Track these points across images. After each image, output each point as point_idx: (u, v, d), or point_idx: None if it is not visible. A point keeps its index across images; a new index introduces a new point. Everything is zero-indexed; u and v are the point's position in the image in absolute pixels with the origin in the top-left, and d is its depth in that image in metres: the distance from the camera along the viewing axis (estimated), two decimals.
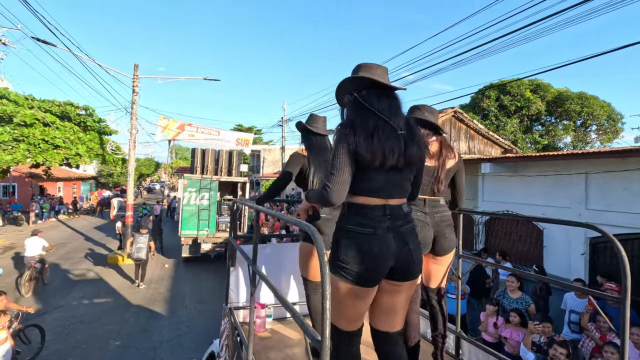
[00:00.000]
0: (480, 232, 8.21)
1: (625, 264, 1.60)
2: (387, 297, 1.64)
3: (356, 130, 1.51)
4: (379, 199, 1.55)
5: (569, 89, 21.48)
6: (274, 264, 3.04)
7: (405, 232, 1.59)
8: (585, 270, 6.07)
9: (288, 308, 1.26)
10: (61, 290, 8.58)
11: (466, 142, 13.31)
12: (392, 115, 1.57)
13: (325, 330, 0.93)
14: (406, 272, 1.59)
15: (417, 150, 1.59)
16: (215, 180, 11.35)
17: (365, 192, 1.55)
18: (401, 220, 1.59)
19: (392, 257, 1.53)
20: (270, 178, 29.47)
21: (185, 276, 10.27)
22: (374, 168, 1.52)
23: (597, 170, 5.90)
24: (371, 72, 1.60)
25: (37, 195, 23.61)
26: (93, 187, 35.99)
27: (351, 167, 1.50)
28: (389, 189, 1.57)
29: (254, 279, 1.89)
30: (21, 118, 12.87)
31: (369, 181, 1.55)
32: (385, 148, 1.50)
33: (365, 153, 1.48)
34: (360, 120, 1.55)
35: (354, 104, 1.63)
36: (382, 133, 1.51)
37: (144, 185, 51.87)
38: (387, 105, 1.59)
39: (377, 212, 1.54)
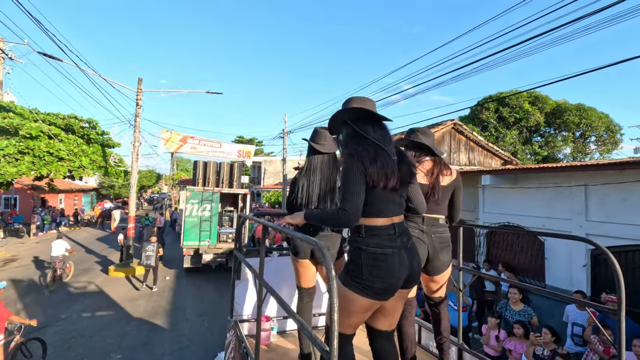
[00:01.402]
0: (481, 244, 8.22)
1: (619, 276, 1.65)
2: (392, 302, 1.80)
3: (363, 158, 1.66)
4: (385, 218, 1.70)
5: (567, 101, 21.71)
6: (278, 276, 3.08)
7: (411, 246, 1.77)
8: (587, 282, 6.07)
9: (296, 320, 1.31)
10: (62, 303, 8.56)
11: (466, 154, 13.40)
12: (386, 142, 1.76)
13: (333, 342, 0.98)
14: (414, 280, 1.79)
15: (407, 172, 1.79)
16: (217, 192, 11.50)
17: (373, 213, 1.69)
18: (406, 236, 1.77)
19: (407, 270, 1.71)
20: (271, 189, 29.51)
21: (186, 288, 10.24)
22: (378, 190, 1.67)
23: (596, 182, 5.96)
24: (363, 104, 1.78)
25: (38, 207, 23.67)
26: (94, 198, 36.06)
27: (364, 191, 1.65)
28: (391, 208, 1.72)
29: (260, 292, 1.93)
30: (26, 131, 13.03)
31: (374, 203, 1.69)
32: (387, 172, 1.67)
33: (374, 177, 1.64)
34: (362, 148, 1.70)
35: (352, 134, 1.80)
36: (383, 158, 1.69)
37: (145, 196, 51.94)
38: (381, 134, 1.77)
39: (389, 232, 1.69)
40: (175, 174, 33.36)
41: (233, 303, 2.96)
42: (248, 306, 3.07)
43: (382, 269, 1.62)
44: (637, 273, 5.47)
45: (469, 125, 18.63)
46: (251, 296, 3.10)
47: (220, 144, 13.72)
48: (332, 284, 1.07)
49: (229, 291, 10.24)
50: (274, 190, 28.98)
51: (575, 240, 5.93)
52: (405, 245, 1.72)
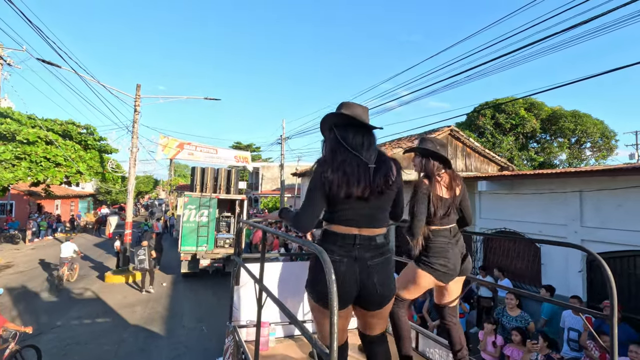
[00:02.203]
0: (478, 250, 8.25)
1: (611, 282, 1.69)
2: (364, 319, 1.83)
3: (327, 165, 1.66)
4: (350, 227, 1.66)
5: (563, 107, 21.94)
6: (278, 282, 3.10)
7: (373, 264, 1.65)
8: (583, 288, 6.10)
9: (297, 324, 1.34)
10: (58, 309, 8.50)
11: (463, 160, 13.49)
12: (364, 150, 1.70)
13: (333, 344, 1.01)
14: (371, 302, 1.69)
15: (383, 182, 1.68)
16: (214, 198, 11.59)
17: (339, 221, 1.68)
18: (372, 252, 1.66)
19: (356, 286, 1.63)
20: (269, 195, 29.50)
21: (183, 294, 10.20)
22: (342, 198, 1.64)
23: (591, 188, 6.02)
24: (351, 110, 1.76)
25: (34, 213, 23.54)
26: (91, 204, 35.90)
27: (323, 201, 1.67)
28: (360, 219, 1.67)
29: (260, 297, 1.95)
30: (24, 136, 13.02)
31: (341, 211, 1.67)
32: (350, 180, 1.62)
33: (332, 184, 1.62)
34: (332, 155, 1.70)
35: (331, 139, 1.78)
36: (348, 166, 1.64)
37: (142, 202, 51.73)
38: (360, 142, 1.72)
39: (347, 241, 1.65)
40: (172, 180, 33.29)
41: (232, 309, 2.97)
42: (247, 312, 3.08)
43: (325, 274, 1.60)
44: (633, 279, 5.52)
45: (465, 132, 18.76)
46: (250, 302, 3.11)
47: (216, 150, 13.76)
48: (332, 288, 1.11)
49: (226, 297, 10.18)
50: (272, 196, 28.98)
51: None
52: (363, 260, 1.64)
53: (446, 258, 2.16)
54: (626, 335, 4.29)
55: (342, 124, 1.76)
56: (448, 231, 2.22)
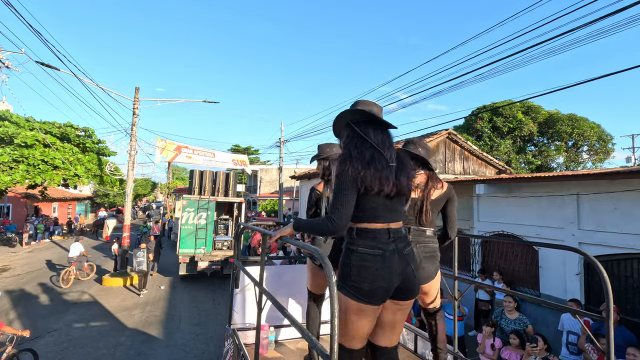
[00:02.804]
0: (476, 253, 8.27)
1: (607, 285, 1.71)
2: (389, 315, 1.76)
3: (354, 161, 1.64)
4: (381, 223, 1.68)
5: (559, 111, 22.07)
6: (277, 285, 3.10)
7: (408, 253, 1.72)
8: (581, 290, 6.12)
9: (296, 326, 1.35)
10: (55, 313, 8.45)
11: (461, 163, 13.53)
12: (386, 148, 1.72)
13: (334, 346, 1.01)
14: (409, 291, 1.72)
15: (406, 181, 1.73)
16: (213, 201, 11.66)
17: (369, 218, 1.67)
18: (403, 242, 1.72)
19: (398, 276, 1.65)
20: (267, 198, 29.48)
21: (181, 298, 10.16)
22: (372, 195, 1.64)
23: (588, 191, 6.06)
24: (369, 108, 1.75)
25: (31, 215, 23.42)
26: (88, 207, 35.75)
27: (354, 199, 1.63)
28: (389, 214, 1.70)
29: (260, 300, 1.96)
30: (22, 139, 12.99)
31: (370, 208, 1.67)
32: (382, 177, 1.63)
33: (366, 182, 1.61)
34: (357, 151, 1.68)
35: (352, 135, 1.76)
36: (378, 163, 1.65)
37: (140, 205, 51.56)
38: (382, 139, 1.73)
39: (383, 235, 1.66)
40: (170, 183, 33.22)
41: (231, 312, 2.97)
42: (246, 314, 3.08)
43: (370, 269, 1.59)
44: (630, 282, 5.54)
45: (463, 135, 18.85)
46: (249, 305, 3.12)
47: (214, 154, 13.77)
48: (333, 290, 1.12)
49: (224, 300, 10.15)
50: (270, 198, 28.96)
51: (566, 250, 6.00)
52: (400, 251, 1.68)
53: None
54: (624, 337, 4.30)
55: (360, 121, 1.75)
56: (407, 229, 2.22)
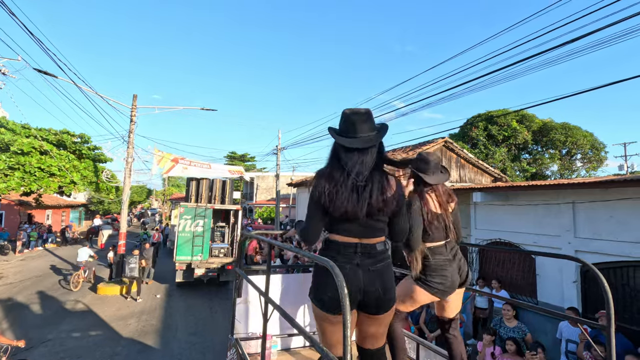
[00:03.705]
0: (474, 261, 8.31)
1: (607, 293, 1.74)
2: (366, 326, 1.82)
3: (322, 181, 1.70)
4: (352, 237, 1.72)
5: (553, 120, 22.37)
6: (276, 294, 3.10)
7: (375, 270, 1.71)
8: (578, 298, 6.16)
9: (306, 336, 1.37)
10: (49, 322, 8.33)
11: (457, 171, 13.64)
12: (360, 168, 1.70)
13: (347, 355, 1.03)
14: (376, 306, 1.73)
15: (377, 201, 1.68)
16: (210, 208, 11.67)
17: (340, 231, 1.73)
18: (372, 258, 1.72)
19: (360, 291, 1.67)
20: (263, 205, 29.40)
21: (177, 306, 10.06)
22: (337, 214, 1.69)
23: (583, 199, 6.14)
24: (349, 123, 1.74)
25: (24, 223, 23.13)
26: (82, 214, 35.40)
27: (323, 214, 1.72)
28: (361, 230, 1.72)
29: (266, 310, 1.97)
30: (18, 146, 12.90)
31: (341, 223, 1.72)
32: (343, 200, 1.65)
33: (330, 201, 1.67)
34: (328, 171, 1.74)
35: (331, 151, 1.82)
36: (341, 185, 1.67)
37: (134, 212, 51.15)
38: (353, 160, 1.71)
39: (349, 249, 1.70)
40: (166, 190, 33.06)
41: (234, 321, 2.97)
42: (249, 324, 3.07)
43: (327, 280, 1.65)
44: (627, 290, 5.59)
45: (459, 143, 19.01)
46: (251, 314, 3.11)
47: (209, 165, 13.72)
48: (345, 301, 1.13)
49: (221, 309, 10.06)
50: (267, 206, 28.89)
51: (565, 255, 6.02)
52: (365, 267, 1.69)
53: (444, 276, 2.17)
54: (621, 345, 4.33)
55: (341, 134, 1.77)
56: (444, 247, 2.23)
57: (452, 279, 2.20)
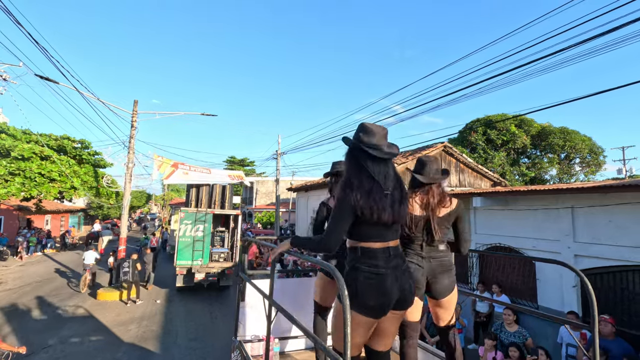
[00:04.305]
0: (474, 265, 8.33)
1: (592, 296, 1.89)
2: (387, 324, 1.93)
3: (355, 190, 1.79)
4: (381, 242, 1.84)
5: (551, 124, 22.51)
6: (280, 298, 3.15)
7: (405, 269, 1.91)
8: (578, 303, 6.18)
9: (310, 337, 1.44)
10: (49, 328, 8.31)
11: (457, 175, 13.69)
12: (385, 178, 1.85)
13: (347, 352, 1.08)
14: (406, 302, 1.89)
15: (403, 210, 1.90)
16: (210, 213, 11.73)
17: (370, 238, 1.83)
18: (400, 259, 1.90)
19: (397, 291, 1.83)
20: (263, 210, 29.41)
21: (177, 311, 10.04)
22: (370, 222, 1.80)
23: (582, 204, 6.17)
24: (372, 134, 1.87)
25: (24, 228, 23.09)
26: (82, 219, 35.35)
27: (350, 221, 1.79)
28: (387, 234, 1.86)
29: (270, 313, 2.01)
30: (19, 152, 12.93)
31: (371, 230, 1.83)
32: (379, 208, 1.78)
33: (364, 210, 1.77)
34: (358, 181, 1.83)
35: (354, 162, 1.90)
36: (376, 194, 1.79)
37: (134, 217, 51.05)
38: (380, 170, 1.85)
39: (384, 254, 1.83)
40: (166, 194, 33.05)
41: (237, 324, 3.02)
42: (251, 327, 3.13)
43: (375, 287, 1.76)
44: (626, 294, 5.61)
45: (458, 147, 19.09)
46: (253, 317, 3.16)
47: (209, 171, 13.74)
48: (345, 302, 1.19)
49: (221, 314, 10.07)
50: (266, 210, 28.90)
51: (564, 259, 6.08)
52: (399, 267, 1.85)
53: None
54: (622, 349, 4.36)
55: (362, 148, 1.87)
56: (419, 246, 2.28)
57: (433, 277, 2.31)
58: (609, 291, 5.83)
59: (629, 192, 5.39)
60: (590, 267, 6.03)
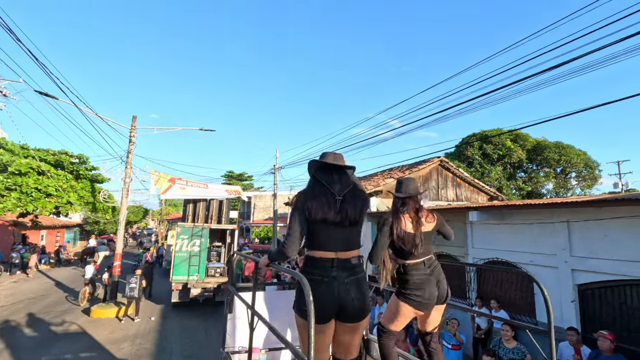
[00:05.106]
0: (472, 280, 8.28)
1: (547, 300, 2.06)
2: (342, 335, 2.05)
3: (305, 196, 2.03)
4: (328, 252, 1.97)
5: (546, 139, 22.76)
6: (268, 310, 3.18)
7: (349, 282, 1.97)
8: (577, 318, 6.12)
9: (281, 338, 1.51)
10: (41, 346, 8.13)
11: (453, 190, 13.75)
12: (334, 184, 2.06)
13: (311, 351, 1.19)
14: (351, 315, 1.97)
15: (352, 212, 2.02)
16: (206, 228, 11.70)
17: (318, 246, 1.99)
18: (348, 271, 1.98)
19: (337, 301, 1.92)
20: (261, 224, 29.27)
21: (172, 328, 9.88)
22: (318, 223, 1.96)
23: (577, 218, 6.20)
24: (325, 157, 2.15)
25: (18, 243, 22.84)
26: (77, 234, 35.05)
27: (303, 225, 1.98)
28: (336, 243, 1.99)
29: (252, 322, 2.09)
30: (16, 167, 12.94)
31: (320, 237, 1.99)
32: (324, 206, 1.97)
33: (310, 210, 1.96)
34: (310, 188, 2.09)
35: (310, 178, 2.19)
36: (322, 196, 2.00)
37: (130, 232, 50.68)
38: (331, 178, 2.08)
39: (326, 264, 1.95)
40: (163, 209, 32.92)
41: (225, 335, 3.05)
42: (239, 338, 3.16)
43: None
44: (624, 308, 5.58)
45: (454, 162, 19.23)
46: (242, 329, 3.18)
47: (207, 185, 13.76)
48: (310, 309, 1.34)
49: (216, 331, 9.94)
50: (264, 225, 28.76)
51: (563, 274, 6.05)
52: (341, 278, 1.94)
53: (422, 289, 2.37)
54: None
55: (319, 167, 2.15)
56: (422, 264, 2.43)
57: (429, 292, 2.40)
58: (607, 306, 5.80)
59: (623, 207, 5.44)
60: (588, 281, 6.02)
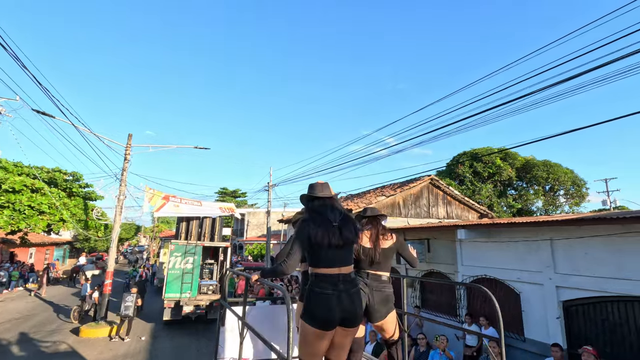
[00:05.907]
0: (462, 297, 8.40)
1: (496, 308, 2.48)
2: (340, 338, 2.39)
3: (310, 224, 2.36)
4: (333, 268, 2.32)
5: (535, 157, 23.32)
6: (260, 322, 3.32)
7: (352, 293, 2.36)
8: (562, 334, 6.26)
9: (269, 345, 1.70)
10: None
11: (444, 207, 13.99)
12: (330, 213, 2.43)
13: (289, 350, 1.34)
14: (352, 321, 2.35)
15: (350, 234, 2.41)
16: (199, 245, 11.72)
17: (323, 264, 2.33)
18: (350, 284, 2.36)
19: (344, 310, 2.28)
20: (254, 242, 29.15)
21: (162, 348, 9.76)
22: (323, 247, 2.31)
23: (560, 236, 6.43)
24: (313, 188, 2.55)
25: (6, 262, 22.43)
26: (67, 252, 34.49)
27: (303, 250, 2.32)
28: (338, 261, 2.35)
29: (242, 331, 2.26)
30: (9, 185, 12.94)
31: (324, 257, 2.33)
32: (326, 233, 2.32)
33: (315, 237, 2.31)
34: (311, 217, 2.44)
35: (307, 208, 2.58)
36: (322, 225, 2.35)
37: (121, 249, 49.96)
38: (324, 208, 2.47)
39: (334, 279, 2.31)
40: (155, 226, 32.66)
41: (217, 347, 3.19)
42: (230, 349, 3.27)
43: (322, 305, 2.25)
44: (606, 325, 5.74)
45: (445, 180, 19.59)
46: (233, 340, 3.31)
47: (200, 203, 13.86)
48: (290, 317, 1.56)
49: (208, 350, 9.87)
50: (257, 242, 28.65)
51: (549, 291, 6.18)
52: (347, 291, 2.31)
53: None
54: None
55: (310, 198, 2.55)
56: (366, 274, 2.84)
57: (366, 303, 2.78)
58: (590, 322, 5.97)
59: (601, 225, 5.68)
60: (572, 298, 6.19)
